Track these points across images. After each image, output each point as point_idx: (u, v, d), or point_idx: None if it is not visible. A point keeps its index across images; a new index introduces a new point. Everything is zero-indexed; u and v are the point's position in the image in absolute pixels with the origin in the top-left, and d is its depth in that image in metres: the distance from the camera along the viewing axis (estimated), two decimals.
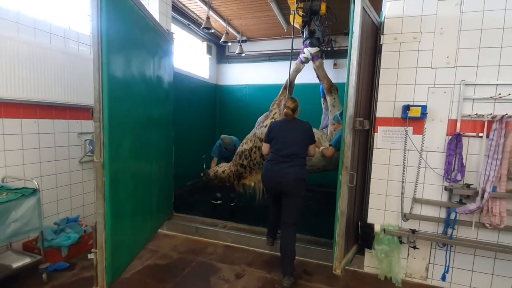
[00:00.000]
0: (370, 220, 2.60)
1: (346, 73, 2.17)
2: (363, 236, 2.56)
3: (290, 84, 3.64)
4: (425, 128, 2.40)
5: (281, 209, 2.57)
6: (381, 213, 2.58)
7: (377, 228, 2.50)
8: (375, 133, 2.54)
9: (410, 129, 2.42)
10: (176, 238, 3.28)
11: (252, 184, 3.70)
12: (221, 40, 5.27)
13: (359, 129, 2.33)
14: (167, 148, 3.47)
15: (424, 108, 2.34)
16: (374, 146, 2.55)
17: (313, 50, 3.39)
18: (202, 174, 4.16)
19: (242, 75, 6.39)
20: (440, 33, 2.33)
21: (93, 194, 3.30)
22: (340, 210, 2.22)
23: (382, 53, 2.48)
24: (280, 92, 3.67)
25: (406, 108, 2.36)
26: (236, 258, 2.84)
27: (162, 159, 3.22)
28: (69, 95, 2.93)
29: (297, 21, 3.31)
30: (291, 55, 3.49)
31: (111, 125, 1.93)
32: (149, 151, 2.77)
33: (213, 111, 6.53)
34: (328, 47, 5.00)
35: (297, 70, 3.60)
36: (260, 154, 3.38)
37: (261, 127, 3.45)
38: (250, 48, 6.17)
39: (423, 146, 2.40)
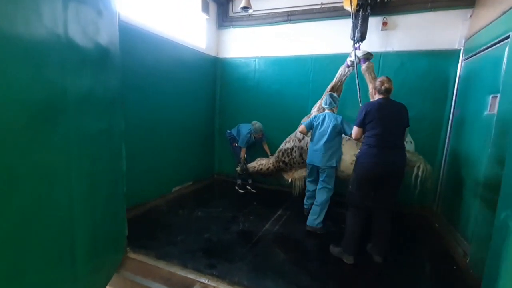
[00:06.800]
0: None
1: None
2: None
3: (337, 87, 3.55)
4: None
5: (366, 218, 2.49)
6: None
7: None
8: None
9: None
10: None
11: (289, 180, 3.87)
12: None
13: None
14: (109, 148, 2.05)
15: None
16: None
17: (361, 52, 3.29)
18: (238, 168, 4.27)
19: (250, 44, 4.76)
20: None
21: None
22: None
23: None
24: (323, 96, 3.51)
25: None
26: None
27: (96, 170, 1.85)
28: None
29: (353, 4, 3.28)
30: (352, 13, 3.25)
31: None
32: (60, 158, 1.50)
33: (211, 93, 4.99)
34: None
35: (343, 75, 3.51)
36: (299, 153, 3.62)
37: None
38: (262, 5, 4.52)
39: None
